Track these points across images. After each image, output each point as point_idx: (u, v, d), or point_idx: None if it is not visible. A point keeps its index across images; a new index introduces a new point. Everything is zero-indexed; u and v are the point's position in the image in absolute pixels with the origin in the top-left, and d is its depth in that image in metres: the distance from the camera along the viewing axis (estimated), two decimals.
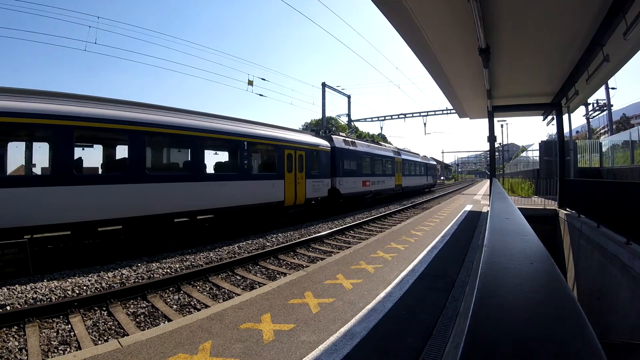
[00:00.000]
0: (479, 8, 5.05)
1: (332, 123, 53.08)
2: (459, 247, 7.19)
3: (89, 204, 7.06)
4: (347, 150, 16.58)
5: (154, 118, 8.33)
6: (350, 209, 16.58)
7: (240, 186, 10.26)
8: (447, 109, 31.30)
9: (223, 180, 9.86)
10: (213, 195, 9.41)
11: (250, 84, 19.88)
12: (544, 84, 10.02)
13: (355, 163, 17.27)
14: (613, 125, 24.22)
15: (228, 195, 9.82)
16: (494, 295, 0.75)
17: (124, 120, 7.69)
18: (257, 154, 11.92)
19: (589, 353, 0.50)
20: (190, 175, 9.01)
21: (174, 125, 8.61)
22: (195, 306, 5.22)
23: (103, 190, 7.35)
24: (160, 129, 8.34)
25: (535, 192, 17.64)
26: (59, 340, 4.09)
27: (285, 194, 11.98)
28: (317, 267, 5.86)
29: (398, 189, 23.01)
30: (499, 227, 1.62)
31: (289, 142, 12.40)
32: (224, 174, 10.24)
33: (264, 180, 11.27)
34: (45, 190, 6.57)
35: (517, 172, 34.67)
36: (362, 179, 17.74)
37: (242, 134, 10.48)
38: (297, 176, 12.65)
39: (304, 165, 13.02)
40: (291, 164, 12.39)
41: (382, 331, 3.42)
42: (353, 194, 16.69)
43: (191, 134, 8.98)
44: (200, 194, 9.07)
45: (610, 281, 5.77)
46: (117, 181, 7.63)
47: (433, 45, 7.30)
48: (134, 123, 7.85)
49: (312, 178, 13.53)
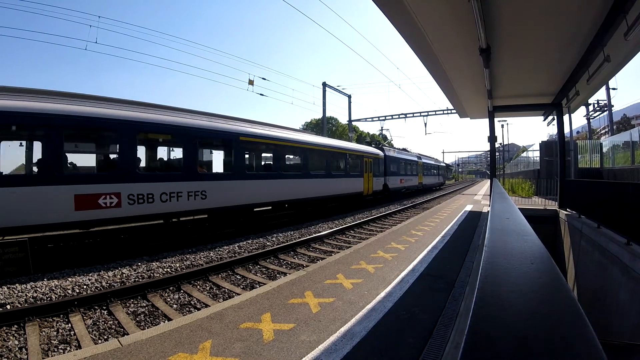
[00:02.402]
0: (479, 8, 5.04)
1: (332, 123, 53.05)
2: (459, 247, 7.19)
3: (280, 191, 11.75)
4: (392, 157, 22.67)
5: (297, 138, 13.18)
6: (394, 199, 22.88)
7: (344, 181, 16.20)
8: (448, 109, 31.30)
9: (335, 178, 15.43)
10: (331, 186, 14.96)
11: (251, 84, 19.89)
12: (545, 84, 10.01)
13: (396, 166, 23.42)
14: (614, 126, 24.20)
15: (338, 187, 15.52)
16: (494, 295, 0.75)
17: (280, 138, 12.00)
18: (352, 160, 17.32)
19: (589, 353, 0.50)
20: (323, 173, 14.49)
21: (309, 142, 13.68)
22: (196, 305, 5.22)
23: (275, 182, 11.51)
24: (300, 145, 13.11)
25: (535, 192, 17.64)
26: (59, 339, 4.09)
27: (364, 187, 18.04)
28: (317, 266, 5.86)
29: (420, 185, 29.44)
30: (499, 227, 1.62)
31: (364, 153, 18.60)
32: (337, 173, 15.70)
33: (354, 177, 17.26)
34: (229, 183, 9.72)
35: (518, 172, 34.65)
36: (399, 177, 23.90)
37: (345, 148, 16.96)
38: (369, 175, 18.63)
39: (371, 168, 18.94)
40: (366, 167, 18.36)
41: (382, 331, 3.42)
42: (395, 189, 22.83)
43: (322, 149, 14.65)
44: (325, 185, 14.53)
45: (611, 282, 5.77)
46: (270, 177, 11.38)
47: (434, 45, 7.30)
48: (284, 140, 12.28)
49: (375, 177, 19.59)
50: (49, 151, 6.49)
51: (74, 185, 6.73)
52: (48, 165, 6.50)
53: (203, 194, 8.88)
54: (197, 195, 8.75)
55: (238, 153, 10.09)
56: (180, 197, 8.34)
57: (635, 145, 13.49)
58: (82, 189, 6.81)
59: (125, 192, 7.36)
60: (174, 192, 8.22)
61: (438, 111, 32.65)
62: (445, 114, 32.28)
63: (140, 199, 7.59)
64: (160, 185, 7.99)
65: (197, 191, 8.74)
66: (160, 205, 7.95)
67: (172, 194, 8.18)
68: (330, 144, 15.61)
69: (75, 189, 6.71)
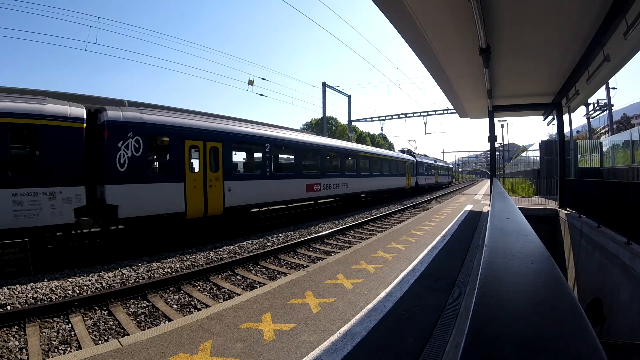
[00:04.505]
0: (479, 7, 5.04)
1: (332, 123, 53.04)
2: (459, 247, 7.19)
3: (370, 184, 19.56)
4: (420, 162, 29.97)
5: (374, 151, 21.52)
6: (426, 192, 30.53)
7: (396, 179, 23.23)
8: (448, 109, 31.30)
9: (393, 177, 22.60)
10: (390, 182, 22.12)
11: (251, 84, 19.91)
12: (545, 83, 10.01)
13: (423, 168, 30.91)
14: (613, 125, 24.20)
15: (393, 183, 22.68)
16: (494, 295, 0.75)
17: (367, 151, 19.70)
18: (399, 165, 24.45)
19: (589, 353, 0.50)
20: (387, 174, 21.61)
21: (379, 154, 21.60)
22: (196, 306, 5.22)
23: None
24: (376, 156, 20.52)
25: (535, 192, 17.64)
26: (59, 339, 4.09)
27: (406, 183, 25.66)
28: (317, 266, 5.86)
29: (435, 183, 36.47)
30: (499, 226, 1.62)
31: (406, 159, 26.18)
32: (394, 174, 22.85)
33: (401, 176, 24.57)
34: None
35: (518, 172, 34.68)
36: (424, 176, 31.35)
37: (396, 157, 24.46)
38: (408, 175, 26.22)
39: (409, 170, 26.59)
40: (406, 169, 25.94)
41: (383, 331, 3.42)
42: (421, 185, 30.14)
43: (385, 158, 22.09)
44: (387, 181, 21.62)
45: (611, 281, 5.77)
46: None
47: (433, 44, 7.30)
48: (369, 152, 19.94)
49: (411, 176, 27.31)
50: (297, 161, 13.01)
51: (306, 179, 13.17)
52: (298, 168, 12.95)
53: (345, 186, 16.11)
54: (341, 185, 15.80)
55: (357, 161, 17.73)
56: (337, 187, 15.42)
57: (635, 145, 13.48)
58: (309, 181, 13.34)
59: (322, 183, 14.24)
60: (337, 184, 15.46)
61: (438, 111, 32.66)
62: (445, 114, 32.30)
63: (326, 187, 14.54)
64: (332, 180, 15.04)
65: (340, 184, 15.75)
66: (331, 190, 15.01)
67: (335, 185, 15.31)
68: (390, 154, 23.96)
69: (306, 181, 13.15)
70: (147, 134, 7.95)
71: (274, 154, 12.04)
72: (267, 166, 11.26)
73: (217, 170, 9.43)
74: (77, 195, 6.93)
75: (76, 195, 6.91)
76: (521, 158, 39.67)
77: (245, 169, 12.11)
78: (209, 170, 9.21)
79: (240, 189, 10.06)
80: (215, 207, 9.32)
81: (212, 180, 9.26)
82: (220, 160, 9.51)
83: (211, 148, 9.33)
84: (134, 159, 7.62)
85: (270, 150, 11.44)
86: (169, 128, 8.44)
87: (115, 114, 7.56)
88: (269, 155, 11.41)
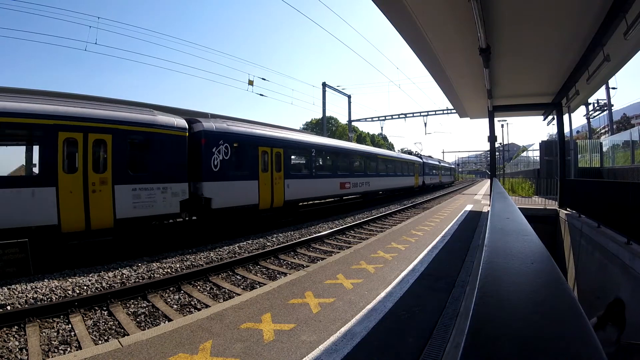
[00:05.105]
0: (479, 7, 5.04)
1: (332, 123, 53.06)
2: (459, 247, 7.19)
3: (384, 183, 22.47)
4: (426, 163, 32.77)
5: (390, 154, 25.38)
6: (428, 192, 31.73)
7: (407, 178, 26.06)
8: (448, 109, 31.31)
9: (404, 176, 25.48)
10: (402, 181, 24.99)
11: (251, 84, 19.93)
12: (545, 83, 10.01)
13: (428, 169, 33.49)
14: (613, 125, 24.20)
15: (404, 182, 25.43)
16: (494, 295, 0.75)
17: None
18: (409, 166, 27.19)
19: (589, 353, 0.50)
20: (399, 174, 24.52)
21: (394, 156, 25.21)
22: (196, 306, 5.22)
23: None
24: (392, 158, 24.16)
25: (535, 192, 17.64)
26: (59, 340, 4.09)
27: (415, 182, 28.19)
28: (317, 266, 5.86)
29: (439, 182, 39.54)
30: (499, 226, 1.62)
31: (414, 161, 28.87)
32: (405, 174, 25.74)
33: (411, 176, 27.28)
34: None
35: (518, 172, 34.69)
36: (430, 176, 34.10)
37: (407, 159, 27.33)
38: (416, 175, 28.91)
39: (417, 170, 29.15)
40: (415, 170, 28.52)
41: (383, 331, 3.42)
42: (427, 184, 32.75)
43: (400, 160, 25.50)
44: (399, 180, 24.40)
45: (611, 281, 5.76)
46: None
47: (433, 44, 7.29)
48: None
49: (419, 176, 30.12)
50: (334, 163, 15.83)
51: (339, 179, 15.80)
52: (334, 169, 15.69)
53: (367, 184, 18.75)
54: (365, 184, 18.50)
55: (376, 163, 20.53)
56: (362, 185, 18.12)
57: (635, 145, 13.48)
58: (342, 180, 15.93)
59: (351, 182, 16.84)
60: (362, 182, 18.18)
61: (438, 111, 32.67)
62: (445, 114, 32.32)
63: (354, 185, 17.13)
64: (358, 179, 17.75)
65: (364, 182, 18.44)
66: (357, 188, 17.56)
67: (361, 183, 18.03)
68: (402, 157, 26.81)
69: (339, 180, 15.77)
70: (232, 141, 9.91)
71: (317, 158, 14.43)
72: (312, 167, 13.76)
73: (280, 171, 11.68)
74: (183, 190, 8.56)
75: (182, 190, 8.52)
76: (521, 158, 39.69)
77: (298, 170, 13.65)
78: (275, 171, 11.40)
79: (295, 186, 12.33)
80: (279, 200, 11.64)
81: (277, 179, 11.50)
82: (282, 162, 11.78)
83: (276, 153, 11.55)
84: (223, 162, 9.50)
85: (315, 155, 14.02)
86: (247, 137, 10.55)
87: (209, 125, 9.39)
88: (314, 158, 13.98)
